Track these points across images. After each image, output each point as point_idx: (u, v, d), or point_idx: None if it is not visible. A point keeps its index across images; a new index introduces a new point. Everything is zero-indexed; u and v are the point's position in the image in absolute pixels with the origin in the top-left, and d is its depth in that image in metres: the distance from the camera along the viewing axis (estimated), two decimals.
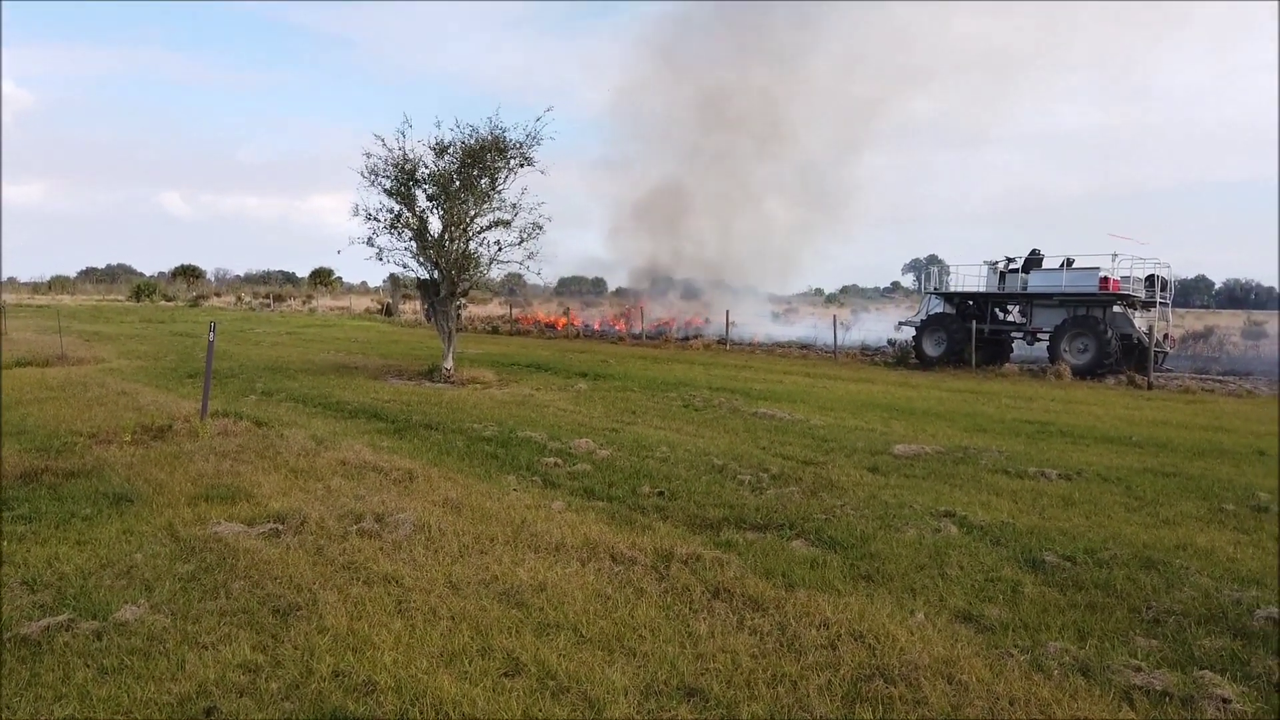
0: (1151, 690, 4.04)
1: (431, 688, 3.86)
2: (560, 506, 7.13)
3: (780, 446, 10.23)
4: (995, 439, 11.16)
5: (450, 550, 5.84)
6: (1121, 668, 4.26)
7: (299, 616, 4.70)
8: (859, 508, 7.26)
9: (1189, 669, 4.29)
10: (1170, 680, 4.12)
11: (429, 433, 10.67)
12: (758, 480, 8.27)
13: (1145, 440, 11.35)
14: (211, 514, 6.51)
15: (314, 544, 5.92)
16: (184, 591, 5.04)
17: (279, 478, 7.75)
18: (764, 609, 4.88)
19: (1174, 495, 8.11)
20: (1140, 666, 4.28)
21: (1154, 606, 5.12)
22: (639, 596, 5.05)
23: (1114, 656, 4.41)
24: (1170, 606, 5.13)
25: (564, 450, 9.57)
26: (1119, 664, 4.30)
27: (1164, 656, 4.45)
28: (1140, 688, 4.06)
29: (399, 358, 21.78)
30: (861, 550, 6.07)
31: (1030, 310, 23.31)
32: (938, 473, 8.85)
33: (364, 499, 7.07)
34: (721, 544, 6.18)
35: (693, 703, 3.84)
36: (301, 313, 55.40)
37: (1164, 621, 4.92)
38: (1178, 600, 5.23)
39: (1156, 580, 5.59)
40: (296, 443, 9.34)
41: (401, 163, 16.57)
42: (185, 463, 8.28)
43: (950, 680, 4.05)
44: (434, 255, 16.94)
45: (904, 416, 13.21)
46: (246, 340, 27.37)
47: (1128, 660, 4.36)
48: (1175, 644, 4.61)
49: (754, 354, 27.00)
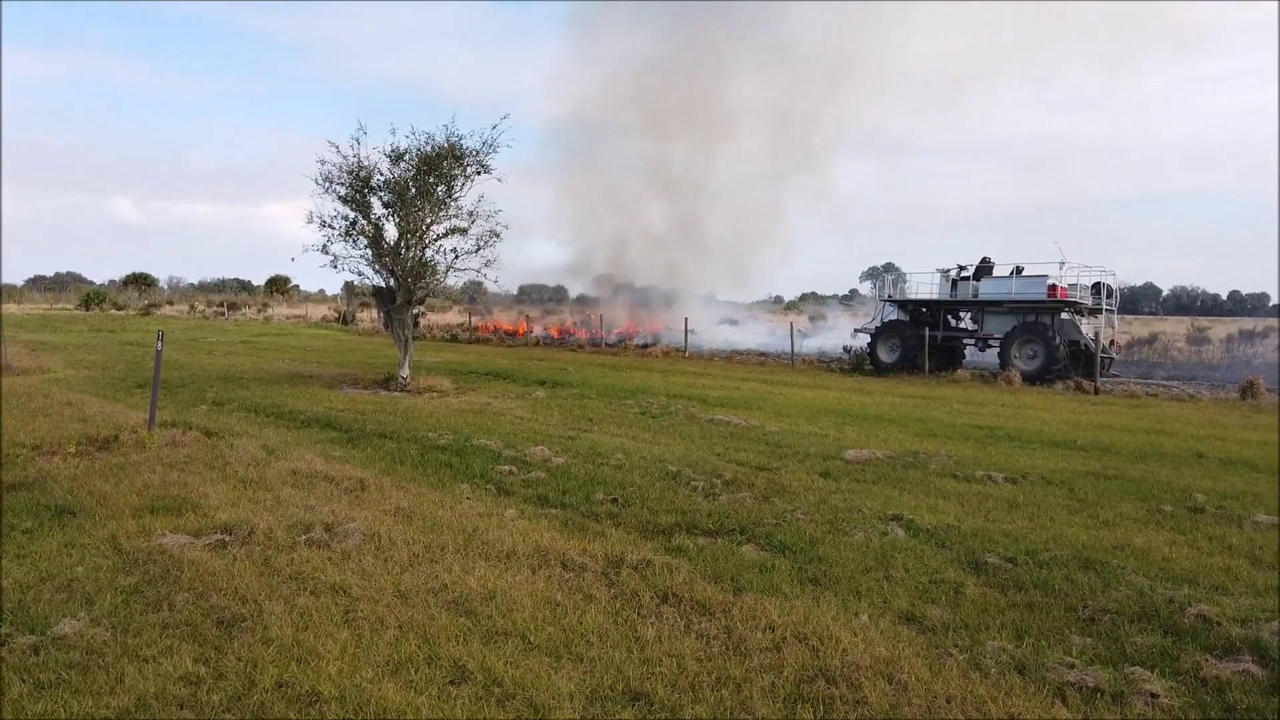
0: (1084, 687, 4.15)
1: (376, 697, 3.85)
2: (513, 514, 7.13)
3: (735, 452, 10.32)
4: (945, 444, 11.36)
5: (400, 559, 5.81)
6: (1056, 665, 4.37)
7: (243, 628, 4.65)
8: (809, 512, 7.35)
9: (1120, 665, 4.42)
10: (1102, 677, 4.24)
11: (383, 442, 10.60)
12: (711, 486, 8.34)
13: (1090, 444, 11.62)
14: (156, 526, 6.41)
15: (261, 555, 5.86)
16: (125, 604, 4.97)
17: (227, 488, 7.65)
18: (711, 613, 4.94)
19: (1114, 497, 8.32)
20: (1074, 664, 4.40)
21: (1090, 605, 5.27)
22: (588, 603, 5.08)
23: (1049, 654, 4.53)
24: (1105, 605, 5.27)
25: (519, 458, 9.57)
26: (1054, 662, 4.42)
27: (1097, 654, 4.58)
28: (1073, 684, 4.17)
29: (355, 366, 21.58)
30: (810, 554, 6.16)
31: (982, 317, 23.77)
32: (887, 477, 8.99)
33: (314, 509, 7.01)
34: (673, 549, 6.23)
35: (637, 706, 3.88)
36: (257, 321, 54.59)
37: (1099, 620, 5.06)
38: (1113, 599, 5.38)
39: (1094, 580, 5.75)
40: (247, 453, 9.23)
41: (357, 169, 16.45)
42: (131, 474, 8.14)
43: (890, 680, 4.13)
44: (390, 263, 16.83)
45: (857, 422, 13.39)
46: (199, 349, 26.93)
47: (1062, 658, 4.48)
48: (1109, 641, 4.75)
49: (712, 361, 27.16)
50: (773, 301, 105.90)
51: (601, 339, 33.85)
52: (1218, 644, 4.71)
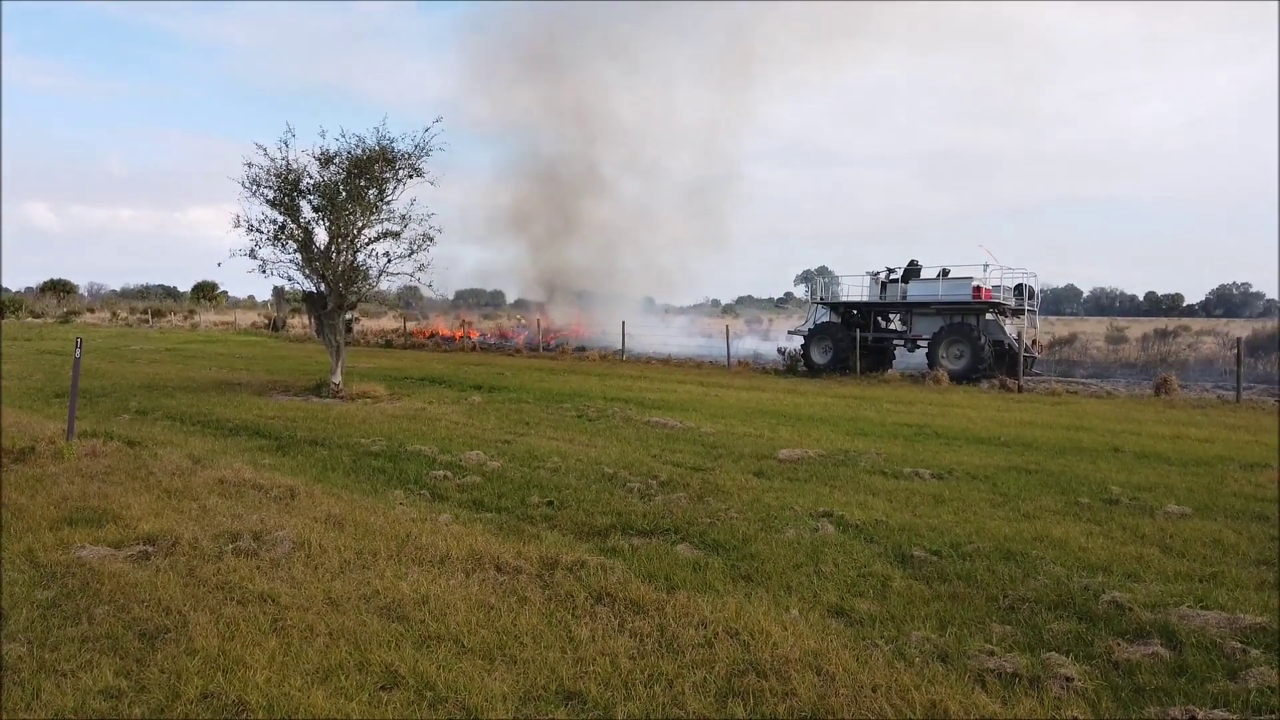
0: (1003, 673, 4.30)
1: (305, 705, 3.81)
2: (447, 519, 7.09)
3: (671, 454, 10.40)
4: (875, 442, 11.61)
5: (330, 566, 5.74)
6: (977, 653, 4.52)
7: (167, 639, 4.55)
8: (743, 511, 7.46)
9: (1038, 651, 4.58)
10: (1020, 663, 4.40)
11: (314, 449, 10.43)
12: (647, 487, 8.40)
13: (1012, 440, 12.00)
14: (75, 538, 6.22)
15: (186, 565, 5.73)
16: (43, 619, 4.81)
17: (150, 498, 7.45)
18: (645, 611, 4.98)
19: (1035, 491, 8.61)
20: (994, 651, 4.55)
21: (1010, 595, 5.45)
22: (522, 605, 5.08)
23: (971, 643, 4.68)
24: (1025, 594, 5.46)
25: (454, 463, 9.51)
26: (975, 649, 4.57)
27: (1016, 641, 4.75)
28: (993, 671, 4.31)
29: (286, 373, 21.15)
30: (743, 551, 6.25)
31: (910, 319, 24.34)
32: (819, 475, 9.16)
33: (241, 517, 6.87)
34: (608, 550, 6.27)
35: (570, 706, 3.90)
36: (183, 328, 53.11)
37: (1018, 608, 5.24)
38: (1032, 588, 5.58)
39: (1014, 570, 5.95)
40: (171, 462, 8.99)
41: (285, 173, 16.15)
42: (48, 486, 7.88)
43: (818, 672, 4.23)
44: (320, 267, 16.56)
45: (791, 422, 13.60)
46: (121, 358, 26.10)
47: (983, 646, 4.63)
48: (1027, 629, 4.92)
49: (649, 364, 27.28)
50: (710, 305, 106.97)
51: (539, 343, 33.72)
52: (1129, 629, 4.92)
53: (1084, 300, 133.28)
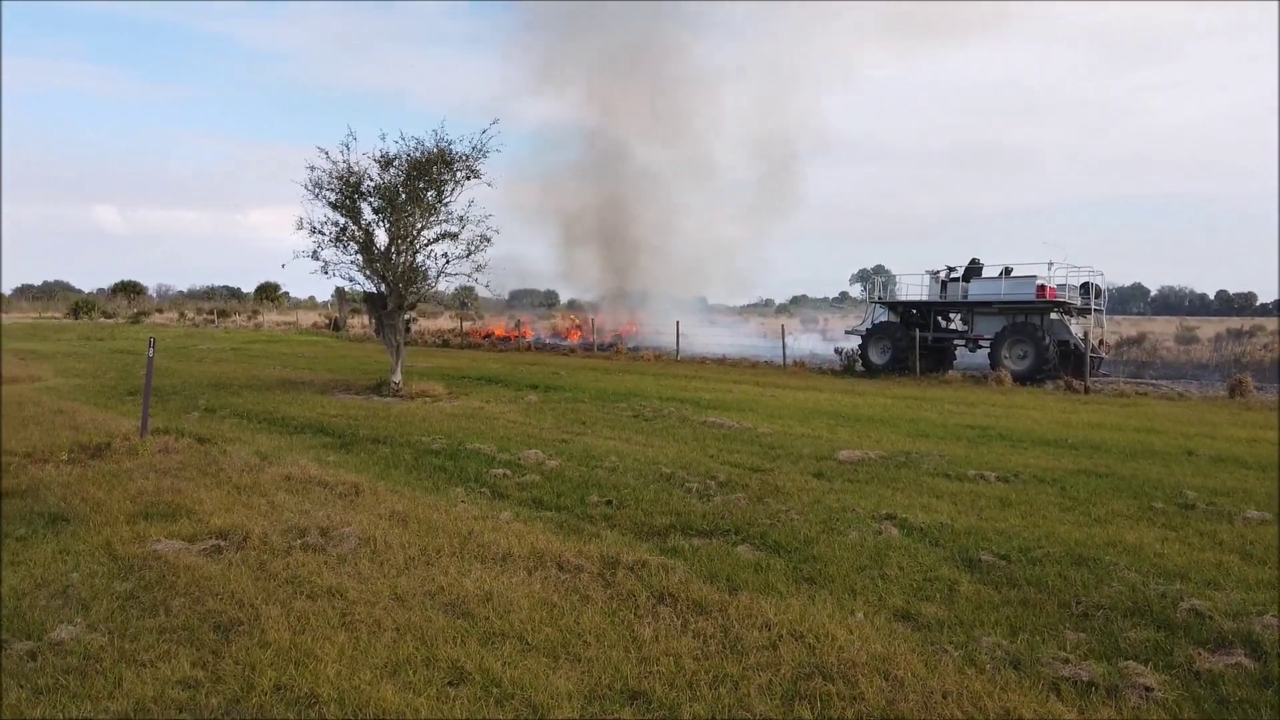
0: (1079, 681, 4.19)
1: (375, 698, 3.86)
2: (508, 517, 7.14)
3: (728, 454, 10.35)
4: (937, 444, 11.41)
5: (396, 562, 5.82)
6: (1050, 660, 4.41)
7: (240, 632, 4.65)
8: (803, 512, 7.38)
9: (1114, 660, 4.45)
10: (1096, 671, 4.28)
11: (376, 447, 10.59)
12: (705, 488, 8.36)
13: (1080, 443, 11.70)
14: (151, 532, 6.40)
15: (257, 559, 5.86)
16: (122, 610, 4.96)
17: (221, 494, 7.64)
18: (708, 612, 4.96)
19: (1106, 495, 8.38)
20: (1068, 659, 4.43)
21: (1083, 601, 5.31)
22: (584, 603, 5.09)
23: (1044, 650, 4.56)
24: (1099, 601, 5.31)
25: (513, 462, 9.58)
26: (1048, 657, 4.46)
27: (1091, 649, 4.62)
28: (1068, 679, 4.20)
29: (347, 372, 21.54)
30: (804, 553, 6.19)
31: (971, 318, 23.87)
32: (880, 477, 9.03)
33: (309, 514, 7.01)
34: (668, 550, 6.25)
35: (636, 705, 3.89)
36: (247, 328, 54.46)
37: (1092, 615, 5.10)
38: (1106, 595, 5.42)
39: (1086, 576, 5.79)
40: (240, 459, 9.22)
41: (346, 175, 16.44)
42: (124, 481, 8.12)
43: (886, 676, 4.16)
44: (381, 268, 16.81)
45: (849, 423, 13.44)
46: (189, 357, 26.85)
47: (1056, 653, 4.52)
48: (1102, 636, 4.79)
49: (704, 364, 27.20)
50: (763, 305, 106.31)
51: (594, 343, 33.86)
52: (1210, 638, 4.75)
53: (1151, 299, 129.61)
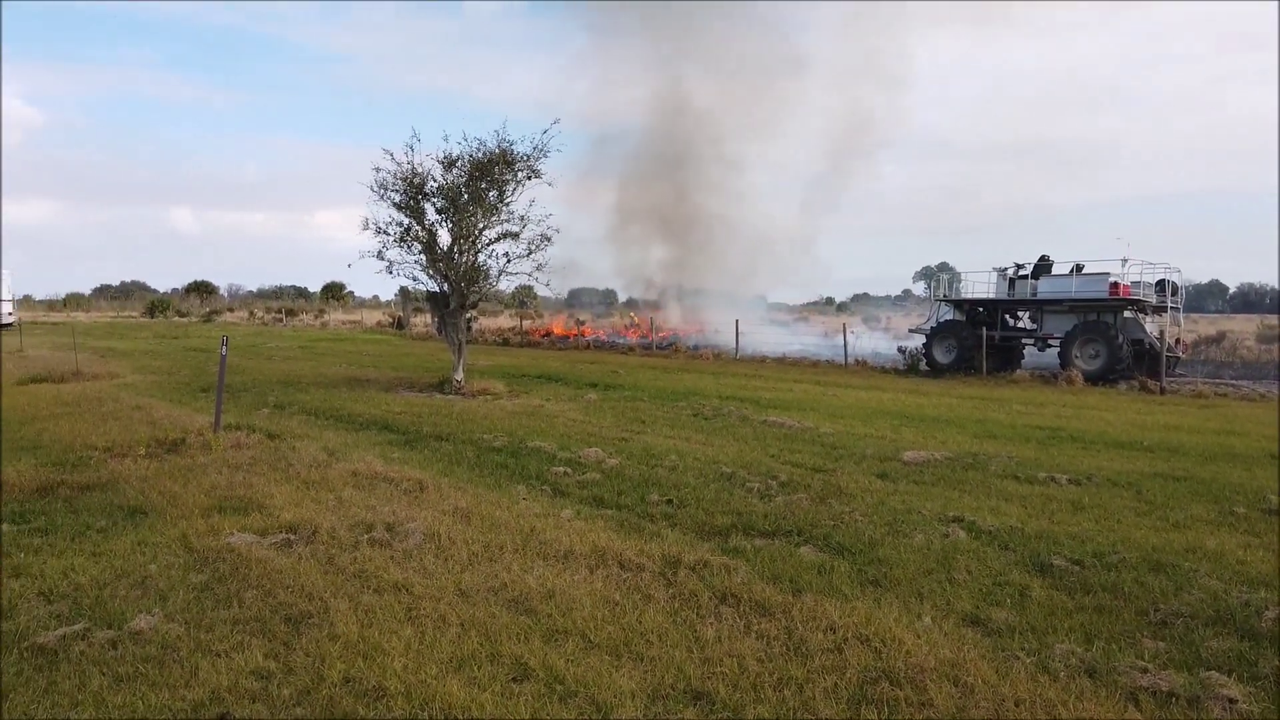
0: (1158, 691, 4.05)
1: (441, 693, 3.90)
2: (569, 515, 7.17)
3: (789, 454, 10.25)
4: (1005, 445, 11.15)
5: (460, 558, 5.88)
6: (1128, 669, 4.27)
7: (310, 624, 4.75)
8: (867, 514, 7.27)
9: (1195, 670, 4.29)
10: (1176, 681, 4.13)
11: (439, 444, 10.74)
12: (766, 488, 8.29)
13: (1156, 445, 11.32)
14: (224, 525, 6.58)
15: (325, 553, 5.98)
16: (197, 601, 5.10)
17: (291, 489, 7.82)
18: (771, 614, 4.91)
19: (1184, 499, 8.09)
20: (1147, 668, 4.29)
21: (1161, 609, 5.13)
22: (647, 602, 5.09)
23: (1120, 658, 4.42)
24: (1178, 609, 5.13)
25: (573, 460, 9.62)
26: (1125, 665, 4.31)
27: (1170, 658, 4.46)
28: (1146, 688, 4.07)
29: (410, 370, 21.88)
30: (869, 555, 6.09)
31: (1041, 316, 23.25)
32: (947, 479, 8.85)
33: (375, 509, 7.14)
34: (729, 550, 6.21)
35: (699, 706, 3.87)
36: (314, 327, 55.74)
37: (1171, 624, 4.92)
38: (1186, 602, 5.23)
39: (1165, 583, 5.59)
40: (308, 455, 9.42)
41: (410, 176, 16.69)
42: (199, 475, 8.37)
43: (956, 682, 4.07)
44: (443, 268, 17.03)
45: (914, 423, 13.21)
46: (259, 355, 27.55)
47: (1134, 661, 4.37)
48: (1182, 645, 4.62)
49: (764, 363, 27.01)
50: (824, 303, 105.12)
51: (653, 342, 33.87)
52: None
53: (1230, 296, 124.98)
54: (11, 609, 4.94)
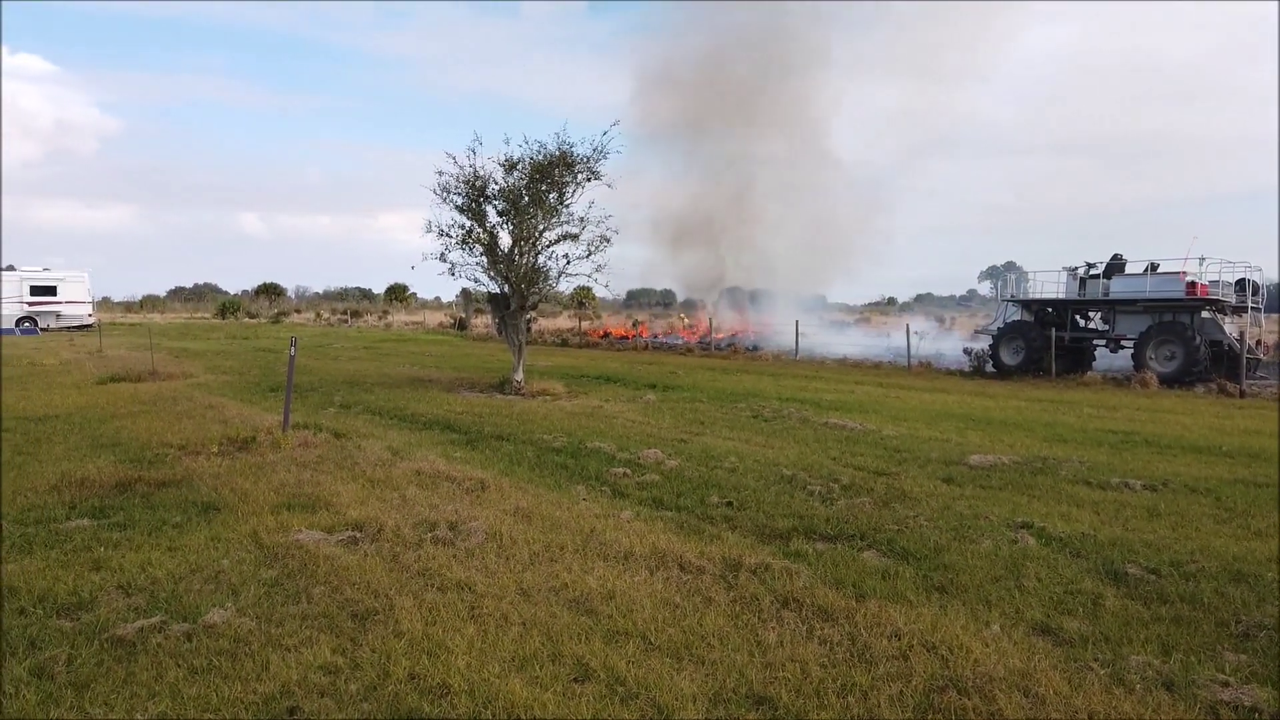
0: (1240, 706, 3.89)
1: (504, 691, 3.93)
2: (629, 516, 7.18)
3: (851, 457, 10.11)
4: (1076, 449, 10.84)
5: (521, 558, 5.93)
6: (1208, 683, 4.11)
7: (376, 621, 4.83)
8: (932, 519, 7.14)
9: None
10: (1260, 696, 3.97)
11: (500, 443, 10.85)
12: (828, 491, 8.20)
13: (1236, 450, 10.90)
14: (293, 522, 6.73)
15: (390, 551, 6.08)
16: (268, 596, 5.22)
17: (356, 487, 7.97)
18: (834, 619, 4.84)
19: (1266, 507, 7.77)
20: (1228, 681, 4.13)
21: (1243, 620, 4.93)
22: (707, 605, 5.06)
23: (1200, 671, 4.26)
24: (1261, 621, 4.92)
25: (633, 461, 9.63)
26: (1205, 679, 4.16)
27: (1253, 671, 4.28)
28: (1228, 703, 3.91)
29: (471, 371, 22.16)
30: (935, 561, 5.97)
31: (1113, 317, 22.54)
32: (1015, 483, 8.64)
33: (438, 508, 7.23)
34: (791, 554, 6.15)
35: (761, 710, 3.84)
36: (378, 328, 56.80)
37: (1254, 636, 4.73)
38: (1270, 614, 5.02)
39: (1246, 594, 5.38)
40: (373, 454, 9.60)
41: (472, 179, 16.90)
42: (268, 473, 8.58)
43: (1026, 693, 3.96)
44: (504, 269, 17.21)
45: (980, 426, 12.93)
46: (325, 355, 28.17)
47: (1214, 675, 4.21)
48: (1265, 659, 4.43)
49: (824, 365, 26.72)
50: (885, 303, 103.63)
51: (711, 343, 33.77)
52: None
53: None
54: (92, 601, 5.12)
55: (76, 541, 6.27)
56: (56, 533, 6.52)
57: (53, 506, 7.27)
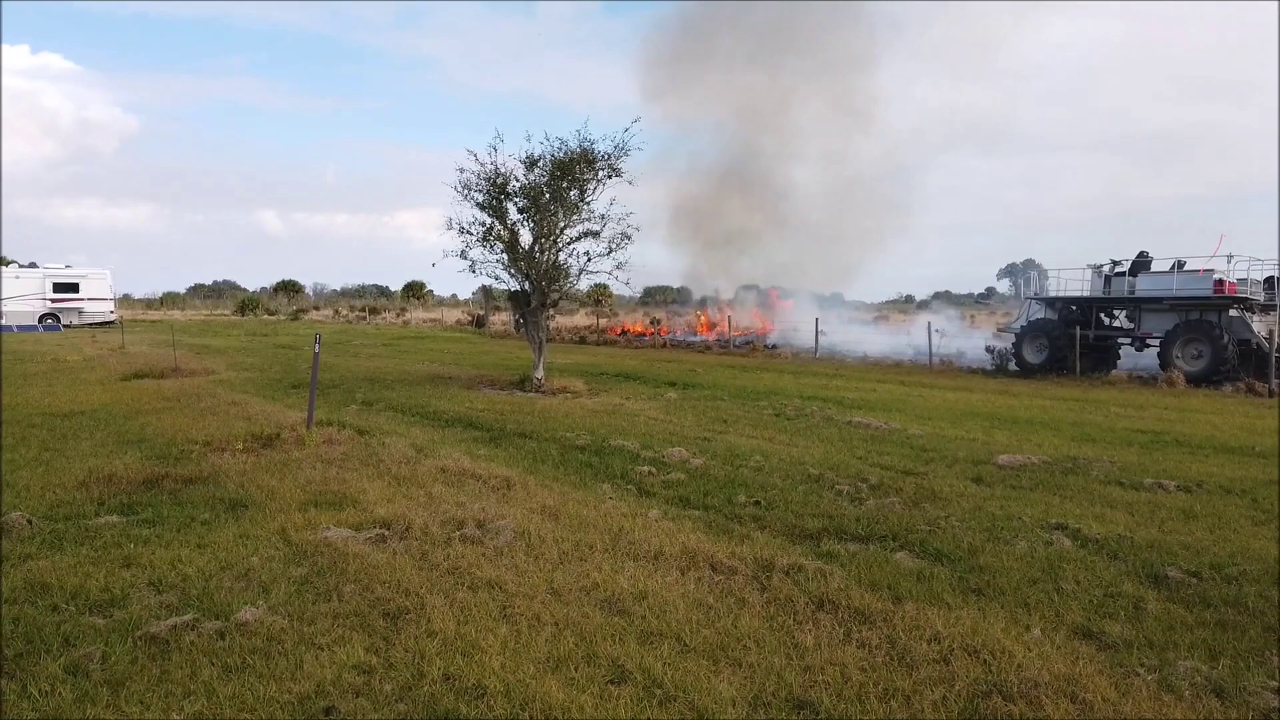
0: None
1: (540, 693, 3.89)
2: (656, 515, 7.12)
3: (877, 456, 10.02)
4: (1105, 449, 10.70)
5: (550, 557, 5.88)
6: (1259, 689, 4.02)
7: (408, 620, 4.79)
8: (964, 519, 7.04)
9: None
10: None
11: (524, 441, 10.81)
12: (856, 491, 8.11)
13: (1270, 451, 10.72)
14: (321, 519, 6.71)
15: (419, 549, 6.04)
16: (299, 594, 5.20)
17: (383, 485, 7.95)
18: (871, 621, 4.76)
19: None
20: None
21: None
22: (741, 607, 4.99)
23: (1250, 677, 4.16)
24: None
25: (657, 459, 9.57)
26: (1256, 685, 4.06)
27: None
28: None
29: (490, 368, 22.16)
30: (970, 563, 5.88)
31: (1139, 315, 22.25)
32: (1045, 484, 8.53)
33: (464, 506, 7.20)
34: (822, 555, 6.07)
35: (803, 714, 3.77)
36: (396, 325, 56.99)
37: None
38: None
39: None
40: (397, 451, 9.58)
41: (494, 176, 16.87)
42: (294, 470, 8.57)
43: (1073, 699, 3.88)
44: (525, 267, 17.17)
45: (1007, 426, 12.79)
46: (346, 352, 28.27)
47: (1265, 681, 4.11)
48: None
49: (844, 363, 26.57)
50: (903, 301, 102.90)
51: (729, 341, 33.65)
52: None
53: None
54: (124, 598, 5.11)
55: (106, 538, 6.27)
56: (86, 529, 6.53)
57: (81, 502, 7.29)
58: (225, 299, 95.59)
